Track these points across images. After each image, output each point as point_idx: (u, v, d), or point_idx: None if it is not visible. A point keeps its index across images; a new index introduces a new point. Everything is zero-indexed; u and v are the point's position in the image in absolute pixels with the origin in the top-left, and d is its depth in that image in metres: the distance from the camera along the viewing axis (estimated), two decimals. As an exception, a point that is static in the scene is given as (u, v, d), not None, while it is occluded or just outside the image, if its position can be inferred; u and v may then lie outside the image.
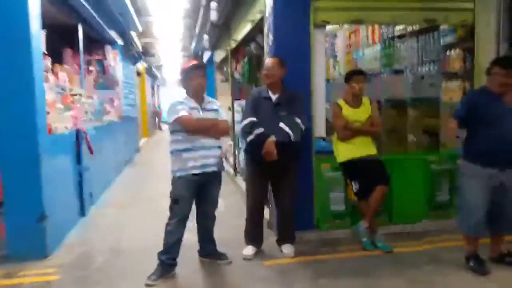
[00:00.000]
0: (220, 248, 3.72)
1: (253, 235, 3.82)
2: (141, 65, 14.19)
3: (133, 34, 9.82)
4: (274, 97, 3.67)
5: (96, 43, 8.13)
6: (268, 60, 3.78)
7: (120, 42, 9.11)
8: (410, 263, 3.50)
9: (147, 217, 5.24)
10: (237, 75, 7.45)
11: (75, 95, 5.72)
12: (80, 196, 5.32)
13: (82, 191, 5.34)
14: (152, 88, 21.95)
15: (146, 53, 13.93)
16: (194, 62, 3.72)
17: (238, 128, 6.16)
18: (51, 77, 4.72)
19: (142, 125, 15.29)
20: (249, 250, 3.74)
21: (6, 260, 3.81)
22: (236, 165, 7.27)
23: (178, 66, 20.95)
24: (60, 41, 6.41)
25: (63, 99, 5.17)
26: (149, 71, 17.48)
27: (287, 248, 3.74)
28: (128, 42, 10.04)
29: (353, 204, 4.08)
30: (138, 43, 11.11)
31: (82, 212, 5.34)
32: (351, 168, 3.90)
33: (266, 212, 4.15)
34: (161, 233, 3.44)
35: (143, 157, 11.35)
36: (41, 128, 3.89)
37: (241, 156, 6.64)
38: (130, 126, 11.02)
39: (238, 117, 6.82)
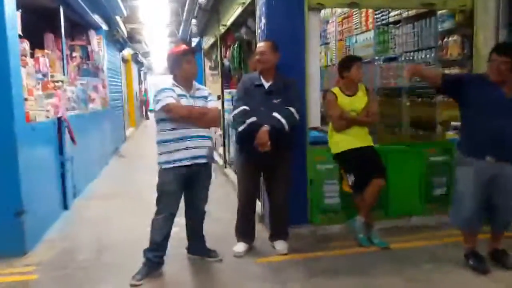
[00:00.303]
0: (209, 244, 3.54)
1: (245, 231, 3.64)
2: (127, 52, 13.80)
3: (118, 18, 9.46)
4: (266, 84, 3.47)
5: (79, 27, 7.79)
6: (260, 44, 3.56)
7: (104, 27, 8.77)
8: (408, 261, 3.36)
9: (134, 210, 5.03)
10: (226, 62, 7.21)
11: (57, 81, 5.44)
12: (63, 188, 5.08)
13: (64, 183, 5.10)
14: (139, 76, 21.51)
15: (132, 39, 13.53)
16: (184, 46, 3.49)
17: (228, 117, 5.96)
18: (29, 62, 4.43)
19: (129, 114, 14.95)
20: (241, 246, 3.56)
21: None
22: (226, 156, 7.07)
23: (166, 53, 20.56)
24: (41, 25, 6.09)
25: (43, 85, 4.90)
26: (135, 58, 17.05)
27: (280, 245, 3.56)
28: (113, 27, 9.69)
29: (348, 197, 3.91)
30: (123, 28, 10.74)
31: (65, 205, 5.11)
32: (347, 160, 3.73)
33: (258, 206, 3.97)
34: (149, 227, 3.24)
35: (130, 147, 11.07)
36: (18, 116, 3.64)
37: (231, 146, 6.44)
38: (116, 115, 10.72)
39: (227, 106, 6.61)
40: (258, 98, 3.43)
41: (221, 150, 7.46)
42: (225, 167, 7.03)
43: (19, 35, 3.96)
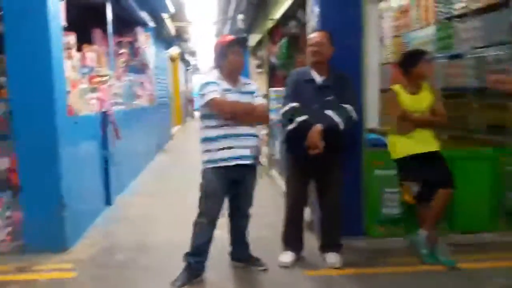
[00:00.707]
0: (254, 251, 3.27)
1: (293, 239, 3.34)
2: (174, 50, 13.86)
3: (165, 16, 9.45)
4: (319, 79, 3.15)
5: (127, 24, 7.81)
6: (315, 35, 3.23)
7: (152, 24, 8.76)
8: (480, 283, 2.93)
9: (178, 209, 4.85)
10: (273, 59, 6.94)
11: (103, 76, 5.39)
12: (106, 183, 5.01)
13: (108, 178, 5.03)
14: (186, 74, 21.72)
15: (179, 37, 13.57)
16: (231, 37, 3.25)
17: (273, 116, 5.68)
18: (75, 55, 4.36)
19: (175, 112, 15.03)
20: (288, 256, 3.26)
21: (22, 251, 3.54)
22: (271, 157, 6.80)
23: (212, 51, 20.63)
24: (90, 20, 6.10)
25: (89, 79, 4.84)
26: (182, 57, 17.17)
27: (333, 257, 3.22)
28: (160, 24, 9.69)
29: (409, 208, 3.51)
30: (170, 26, 10.74)
31: (108, 201, 5.04)
32: (409, 166, 3.33)
33: (307, 212, 3.66)
34: (191, 228, 3.03)
35: (175, 145, 11.05)
36: (59, 108, 3.54)
37: (276, 147, 6.16)
38: (163, 113, 10.75)
39: (273, 105, 6.34)
40: (309, 94, 3.13)
41: (265, 150, 7.20)
42: (270, 168, 6.76)
43: (65, 27, 3.88)
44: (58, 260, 3.42)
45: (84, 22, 5.45)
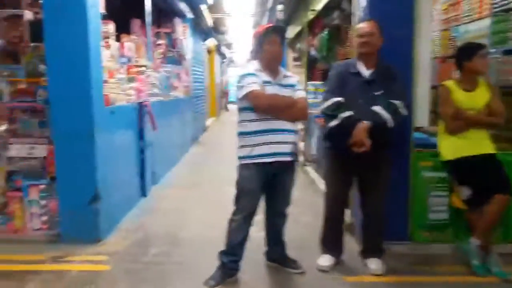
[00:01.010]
0: (290, 252, 3.12)
1: (332, 242, 3.16)
2: (211, 42, 13.81)
3: (203, 7, 9.37)
4: (366, 73, 2.94)
5: (165, 15, 7.78)
6: (364, 25, 3.00)
7: (190, 15, 8.71)
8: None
9: (212, 203, 4.79)
10: (312, 52, 6.72)
11: (141, 66, 5.36)
12: (141, 174, 4.99)
13: (143, 169, 5.01)
14: (220, 67, 21.71)
15: (216, 29, 13.50)
16: (268, 25, 3.08)
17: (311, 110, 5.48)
18: (114, 44, 4.33)
19: (210, 105, 15.04)
20: (326, 260, 3.09)
21: (57, 240, 3.55)
22: (307, 153, 6.60)
23: (249, 44, 20.47)
24: (128, 10, 6.09)
25: (127, 69, 4.81)
26: (218, 49, 17.13)
27: (374, 263, 3.02)
28: (198, 16, 9.63)
29: (459, 213, 3.26)
30: (208, 18, 10.67)
31: (143, 192, 5.02)
32: (461, 169, 3.08)
33: (346, 213, 3.47)
34: (225, 223, 2.92)
35: (210, 137, 11.03)
36: (95, 98, 3.50)
37: (313, 143, 5.96)
38: (198, 105, 10.73)
39: (311, 99, 6.14)
40: (355, 88, 2.92)
41: (301, 146, 7.01)
42: (306, 165, 6.57)
43: (104, 16, 3.84)
44: (92, 251, 3.41)
45: (123, 12, 5.44)
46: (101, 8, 3.75)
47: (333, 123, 2.94)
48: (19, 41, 3.62)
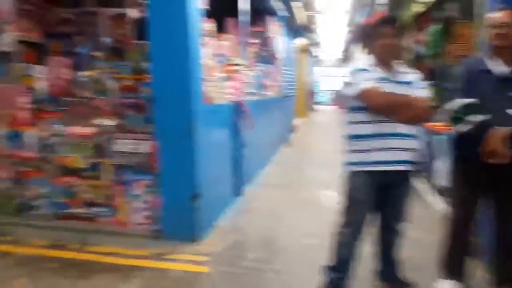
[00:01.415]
0: (404, 272, 2.75)
1: (456, 266, 2.67)
2: (301, 41, 13.58)
3: (297, 5, 9.17)
4: (500, 70, 2.45)
5: (258, 13, 7.71)
6: (500, 14, 2.49)
7: (282, 13, 8.56)
8: None
9: (305, 207, 4.56)
10: (418, 48, 6.13)
11: (236, 65, 5.31)
12: (236, 174, 4.92)
13: (239, 168, 4.93)
14: (308, 66, 21.37)
15: (306, 28, 13.22)
16: (379, 15, 2.73)
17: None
18: (212, 43, 4.29)
19: (299, 105, 14.80)
20: (448, 286, 2.65)
21: (158, 236, 3.57)
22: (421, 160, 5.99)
23: (340, 42, 19.85)
24: (223, 9, 6.10)
25: (223, 68, 4.77)
26: (307, 48, 16.82)
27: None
28: (291, 14, 9.46)
29: None
30: (302, 16, 10.44)
31: (237, 192, 4.94)
32: None
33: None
34: (323, 230, 2.73)
35: (299, 138, 10.78)
36: (195, 95, 3.46)
37: (423, 148, 5.38)
38: (288, 104, 10.57)
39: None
40: (487, 88, 2.43)
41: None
42: (418, 173, 5.97)
43: (205, 14, 3.80)
44: (192, 251, 3.36)
45: (217, 11, 5.43)
46: (203, 4, 3.71)
47: (462, 127, 2.49)
48: (124, 39, 3.72)
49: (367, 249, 2.73)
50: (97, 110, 3.75)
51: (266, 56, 7.93)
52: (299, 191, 5.27)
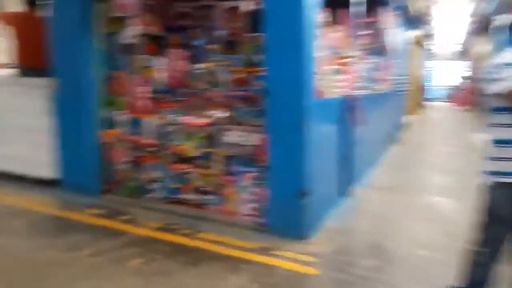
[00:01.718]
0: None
1: None
2: (414, 33, 12.59)
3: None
4: None
5: (371, 3, 7.26)
6: None
7: (397, 3, 7.96)
8: None
9: (421, 215, 4.16)
10: None
11: (348, 57, 5.02)
12: (344, 172, 4.66)
13: (347, 167, 4.66)
14: (419, 60, 19.86)
15: (420, 19, 12.19)
16: None
17: None
18: (326, 34, 4.08)
19: (411, 101, 13.77)
20: None
21: (263, 230, 3.52)
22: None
23: (458, 35, 18.09)
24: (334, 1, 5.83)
25: (334, 61, 4.53)
26: (419, 40, 15.59)
27: None
28: (405, 4, 8.77)
29: None
30: (417, 5, 9.64)
31: (345, 192, 4.68)
32: None
33: None
34: (443, 243, 2.45)
35: (411, 137, 10.02)
36: (308, 89, 3.31)
37: None
38: (398, 100, 9.89)
39: None
40: None
41: None
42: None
43: (321, 4, 3.62)
44: (299, 249, 3.22)
45: (331, 0, 5.19)
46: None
47: None
48: (238, 32, 3.70)
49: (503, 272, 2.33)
50: (210, 102, 3.81)
51: (378, 48, 7.46)
52: (413, 196, 4.83)
